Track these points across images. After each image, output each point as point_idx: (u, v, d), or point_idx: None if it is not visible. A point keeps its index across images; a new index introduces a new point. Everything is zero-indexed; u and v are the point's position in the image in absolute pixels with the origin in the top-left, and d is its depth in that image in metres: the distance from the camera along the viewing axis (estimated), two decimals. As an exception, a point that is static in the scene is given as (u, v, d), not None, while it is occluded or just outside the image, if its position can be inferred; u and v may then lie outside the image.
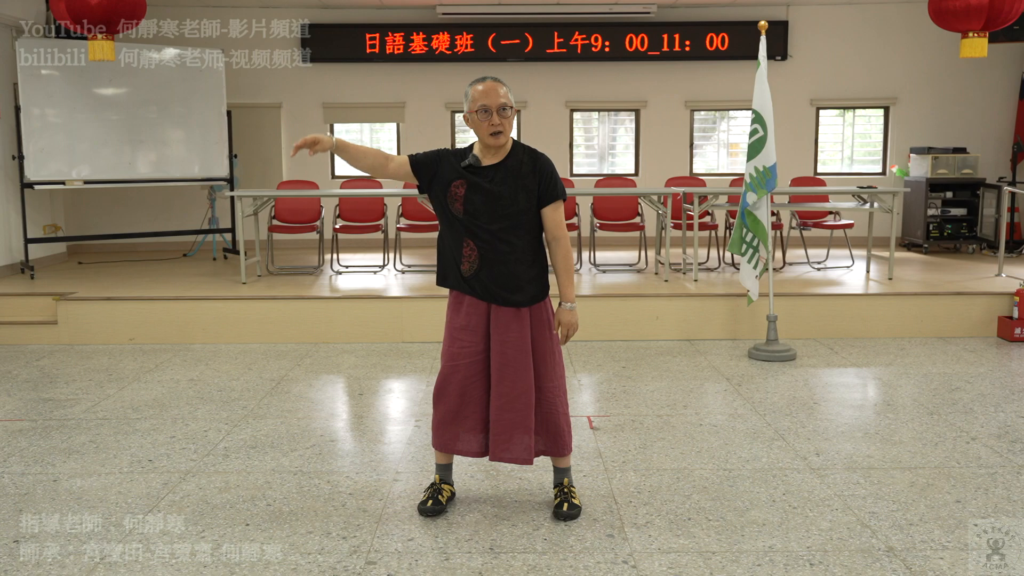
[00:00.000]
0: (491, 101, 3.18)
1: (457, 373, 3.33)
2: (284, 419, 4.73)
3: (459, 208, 3.23)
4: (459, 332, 3.32)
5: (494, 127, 3.19)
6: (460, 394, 3.33)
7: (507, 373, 3.28)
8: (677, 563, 3.03)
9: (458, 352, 3.32)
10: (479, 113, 3.19)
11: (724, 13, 9.84)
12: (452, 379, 3.34)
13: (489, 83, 3.22)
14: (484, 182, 3.23)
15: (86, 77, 8.13)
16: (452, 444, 3.40)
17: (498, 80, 3.25)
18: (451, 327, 3.36)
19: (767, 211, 6.04)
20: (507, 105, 3.20)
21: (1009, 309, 6.61)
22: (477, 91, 3.21)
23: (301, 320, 6.68)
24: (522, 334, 3.29)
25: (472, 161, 3.26)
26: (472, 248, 3.25)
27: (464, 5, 9.45)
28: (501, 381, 3.29)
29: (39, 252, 8.46)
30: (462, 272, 3.27)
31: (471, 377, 3.32)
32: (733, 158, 10.36)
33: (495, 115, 3.18)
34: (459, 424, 3.36)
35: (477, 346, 3.31)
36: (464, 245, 3.26)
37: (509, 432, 3.30)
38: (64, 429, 4.56)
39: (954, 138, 9.97)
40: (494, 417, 3.31)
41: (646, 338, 6.60)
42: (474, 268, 3.26)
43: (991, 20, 6.54)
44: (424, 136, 10.08)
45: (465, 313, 3.31)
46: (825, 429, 4.49)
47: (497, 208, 3.22)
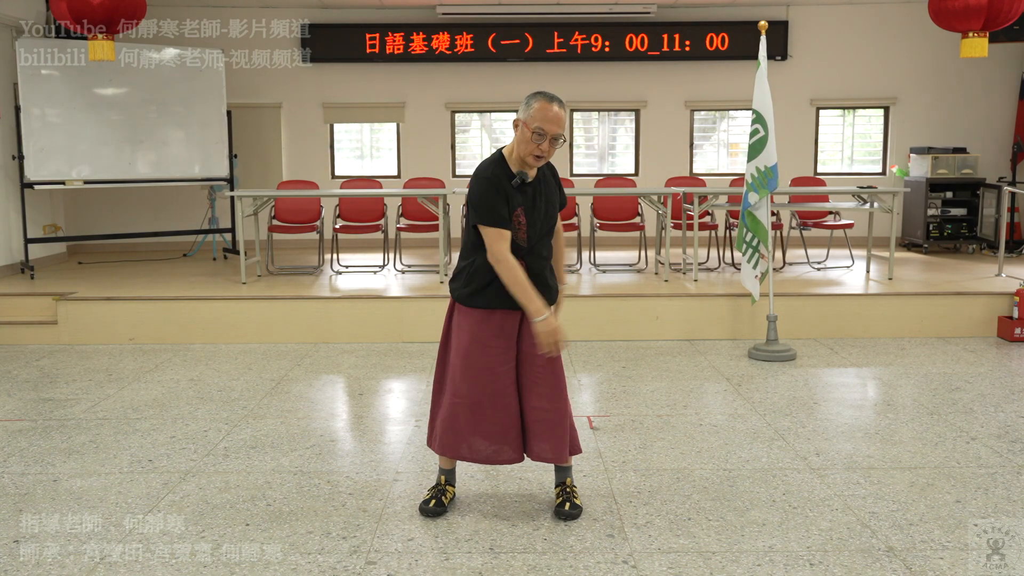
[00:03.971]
0: (550, 128, 3.11)
1: (496, 382, 3.27)
2: (284, 419, 4.73)
3: (523, 237, 3.21)
4: (493, 340, 3.26)
5: (541, 152, 3.14)
6: (501, 405, 3.29)
7: (544, 374, 3.29)
8: (677, 563, 3.03)
9: (494, 360, 3.26)
10: (534, 134, 3.11)
11: (724, 13, 9.84)
12: (490, 388, 3.27)
13: (557, 108, 3.13)
14: (529, 200, 3.22)
15: (86, 77, 8.13)
16: (470, 452, 3.36)
17: (564, 106, 3.17)
18: (479, 337, 3.27)
19: (767, 211, 6.04)
20: (562, 135, 3.16)
21: (1009, 309, 6.61)
22: (541, 109, 3.11)
23: (301, 320, 6.68)
24: None
25: (523, 178, 3.19)
26: (524, 264, 3.23)
27: (464, 5, 9.45)
28: (538, 384, 3.29)
29: (39, 252, 8.46)
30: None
31: (509, 385, 3.30)
32: (733, 158, 10.36)
33: (547, 142, 3.13)
34: (481, 432, 3.32)
35: (510, 352, 3.29)
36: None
37: (550, 432, 3.31)
38: (64, 429, 4.56)
39: (954, 138, 9.97)
40: (536, 418, 3.30)
41: (646, 338, 6.60)
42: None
43: (991, 20, 6.54)
44: (424, 136, 10.08)
45: (498, 324, 3.27)
46: (825, 429, 4.49)
47: (544, 223, 3.27)
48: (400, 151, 10.25)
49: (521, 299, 3.15)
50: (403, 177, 9.95)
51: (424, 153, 10.09)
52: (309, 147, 10.15)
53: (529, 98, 3.17)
